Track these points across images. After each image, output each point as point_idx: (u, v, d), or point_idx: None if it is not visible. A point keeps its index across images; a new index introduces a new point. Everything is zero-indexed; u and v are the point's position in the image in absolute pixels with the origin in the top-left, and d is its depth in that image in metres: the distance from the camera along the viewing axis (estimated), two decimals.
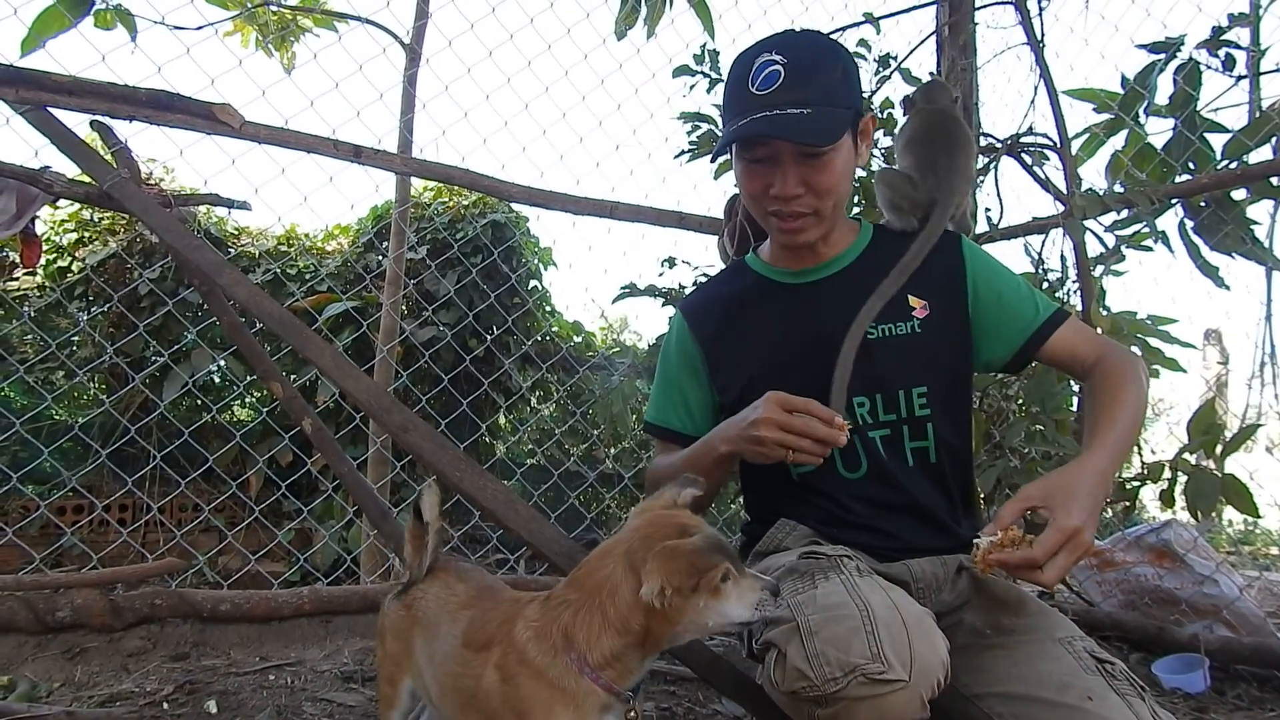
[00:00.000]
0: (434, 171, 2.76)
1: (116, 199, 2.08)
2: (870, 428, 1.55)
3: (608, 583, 1.13)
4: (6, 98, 2.05)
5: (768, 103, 1.43)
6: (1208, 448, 2.12)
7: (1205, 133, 2.74)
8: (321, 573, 4.09)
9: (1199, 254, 2.67)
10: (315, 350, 1.90)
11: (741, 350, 1.65)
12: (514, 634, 1.18)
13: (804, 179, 1.48)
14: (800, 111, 1.41)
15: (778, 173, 1.48)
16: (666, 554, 1.07)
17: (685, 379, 1.72)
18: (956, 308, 1.60)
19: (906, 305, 1.58)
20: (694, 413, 1.71)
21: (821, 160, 1.47)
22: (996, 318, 1.59)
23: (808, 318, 1.61)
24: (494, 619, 1.26)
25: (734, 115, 1.48)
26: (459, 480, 1.75)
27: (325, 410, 4.49)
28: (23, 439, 2.99)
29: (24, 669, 2.30)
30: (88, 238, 5.03)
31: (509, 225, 5.42)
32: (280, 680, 2.34)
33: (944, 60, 3.12)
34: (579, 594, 1.16)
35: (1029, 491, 1.29)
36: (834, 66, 1.48)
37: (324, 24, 4.08)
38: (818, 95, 1.43)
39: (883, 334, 1.56)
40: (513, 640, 1.18)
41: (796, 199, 1.50)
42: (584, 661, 1.12)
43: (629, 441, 4.82)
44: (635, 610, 1.11)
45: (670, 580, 1.05)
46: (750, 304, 1.68)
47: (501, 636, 1.21)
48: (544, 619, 1.17)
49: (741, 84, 1.47)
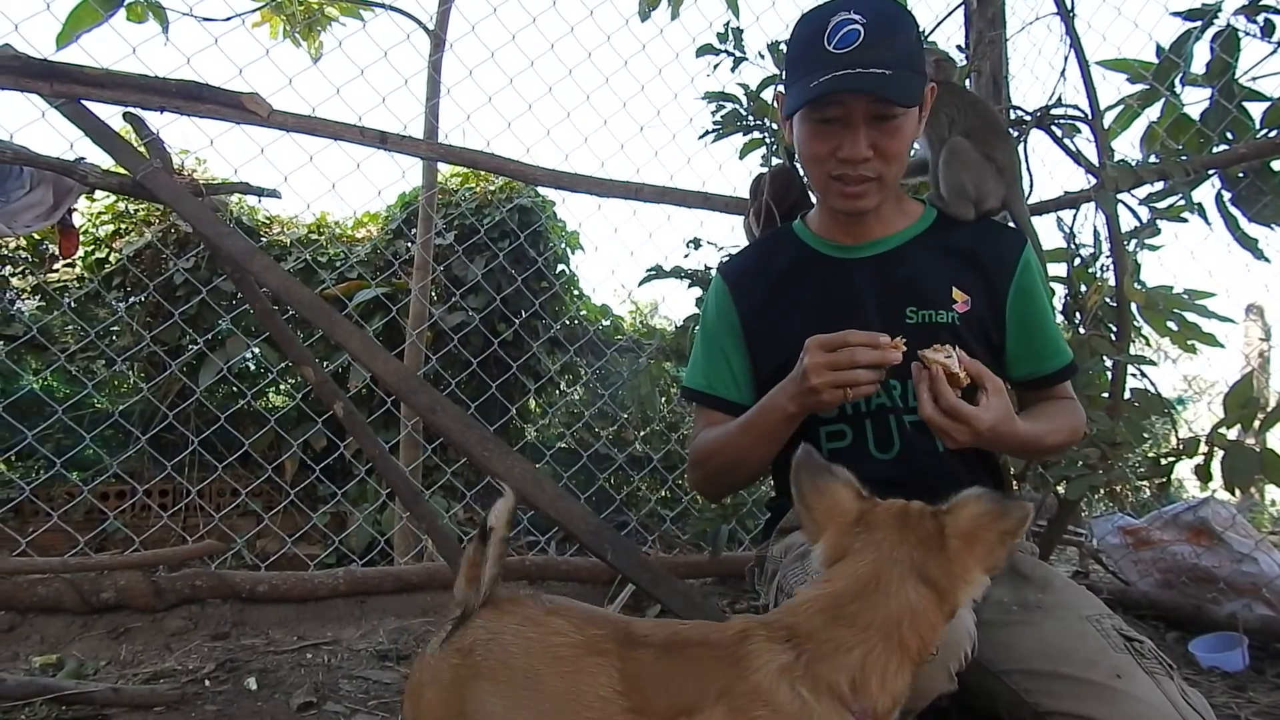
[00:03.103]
0: (460, 156, 2.77)
1: (150, 189, 2.11)
2: (905, 411, 1.53)
3: (904, 612, 0.93)
4: (42, 92, 2.09)
5: (847, 61, 1.37)
6: (1245, 422, 2.08)
7: (1243, 101, 2.66)
8: (356, 554, 4.16)
9: (1237, 226, 2.61)
10: (344, 334, 1.92)
11: (780, 322, 1.63)
12: (764, 691, 0.90)
13: (874, 142, 1.44)
14: (881, 72, 1.36)
15: (847, 134, 1.44)
16: (971, 539, 0.95)
17: (729, 345, 1.69)
18: (995, 311, 1.57)
19: (949, 295, 1.55)
20: (739, 381, 1.68)
21: (893, 124, 1.44)
22: (1022, 342, 1.59)
23: (847, 294, 1.59)
24: (685, 674, 0.96)
25: (806, 73, 1.42)
26: (486, 460, 1.77)
27: (357, 395, 4.55)
28: (66, 427, 3.07)
29: (71, 648, 2.37)
30: (124, 229, 5.12)
31: (535, 209, 5.43)
32: (317, 659, 2.39)
33: (972, 32, 3.06)
34: (859, 632, 0.93)
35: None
36: (911, 29, 1.45)
37: (350, 12, 4.09)
38: (897, 57, 1.39)
39: (923, 319, 1.54)
40: (763, 699, 0.90)
41: (865, 163, 1.46)
42: (872, 714, 0.92)
43: (658, 424, 4.83)
44: (938, 628, 0.96)
45: (991, 562, 0.95)
46: (793, 274, 1.66)
47: (728, 693, 0.92)
48: (816, 669, 0.92)
49: (814, 42, 1.41)
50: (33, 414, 3.62)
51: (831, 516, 1.04)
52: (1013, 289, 1.57)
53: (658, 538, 3.84)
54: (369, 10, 3.84)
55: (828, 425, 1.59)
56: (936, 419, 1.30)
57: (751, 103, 2.69)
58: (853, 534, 1.01)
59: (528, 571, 3.17)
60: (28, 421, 3.12)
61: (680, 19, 3.28)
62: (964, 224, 1.68)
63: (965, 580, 0.96)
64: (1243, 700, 2.27)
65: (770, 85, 2.64)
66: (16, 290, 4.94)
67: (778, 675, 0.91)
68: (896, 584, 0.95)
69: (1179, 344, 2.52)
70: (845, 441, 1.58)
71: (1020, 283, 1.57)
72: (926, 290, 1.55)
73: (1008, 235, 1.67)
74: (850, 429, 1.57)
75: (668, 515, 4.12)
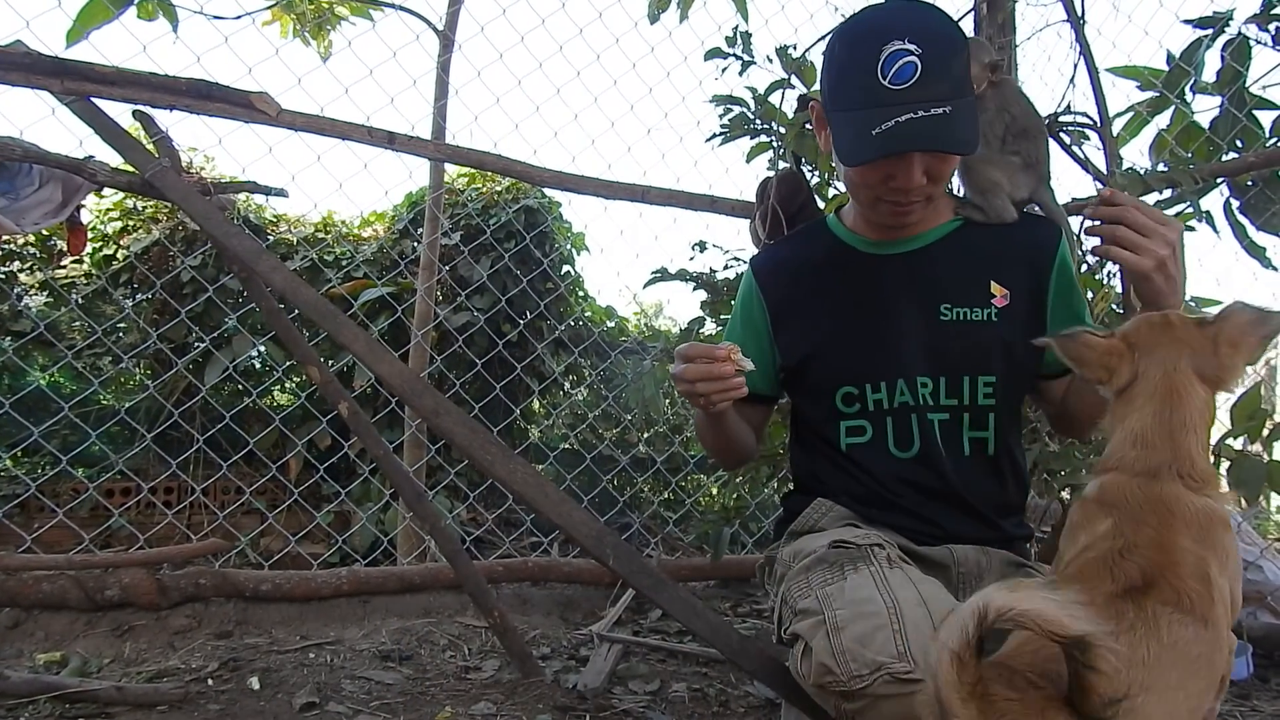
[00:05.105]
0: (467, 157, 2.77)
1: (158, 187, 2.11)
2: (930, 409, 1.52)
3: (1200, 407, 1.14)
4: (52, 89, 2.09)
5: (906, 99, 1.32)
6: (1252, 433, 2.06)
7: (1254, 110, 2.65)
8: (360, 554, 4.16)
9: (1245, 234, 2.60)
10: (349, 335, 1.92)
11: (807, 314, 1.62)
12: (1196, 509, 1.12)
13: (926, 168, 1.42)
14: (943, 111, 1.32)
15: (901, 165, 1.40)
16: (1236, 344, 1.15)
17: (746, 334, 1.69)
18: (1037, 304, 1.55)
19: (987, 291, 1.53)
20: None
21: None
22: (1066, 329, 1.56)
23: (879, 291, 1.57)
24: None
25: (861, 107, 1.37)
26: (490, 464, 1.77)
27: (362, 395, 4.55)
28: (72, 423, 3.08)
29: (75, 645, 2.38)
30: (132, 226, 5.13)
31: (541, 211, 5.43)
32: (320, 658, 2.40)
33: (982, 38, 3.05)
34: (1180, 434, 1.14)
35: None
36: (962, 49, 1.40)
37: (359, 12, 4.10)
38: (954, 88, 1.35)
39: (958, 317, 1.52)
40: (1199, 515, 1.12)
41: (918, 189, 1.44)
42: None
43: (662, 426, 4.83)
44: (1214, 409, 1.18)
45: (1254, 359, 1.17)
46: (822, 267, 1.65)
47: (1175, 529, 1.11)
48: (1190, 477, 1.13)
49: (868, 73, 1.35)
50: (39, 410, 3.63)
51: (1107, 357, 1.21)
52: (1054, 278, 1.55)
53: (660, 540, 3.84)
54: (379, 10, 3.84)
55: (848, 420, 1.57)
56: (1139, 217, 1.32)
57: (759, 106, 2.68)
58: (1133, 360, 1.19)
59: (531, 573, 3.18)
60: (34, 418, 3.13)
61: (689, 22, 3.28)
62: (995, 225, 1.65)
63: (1236, 376, 1.16)
64: (1247, 709, 2.27)
65: (778, 89, 2.63)
66: (24, 286, 4.95)
67: (1188, 493, 1.09)
68: (1187, 389, 1.14)
69: None
70: (865, 438, 1.56)
71: (1060, 273, 1.56)
72: (961, 287, 1.53)
73: (1044, 225, 1.65)
74: (871, 425, 1.56)
75: (670, 518, 4.12)
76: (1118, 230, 1.31)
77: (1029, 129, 1.78)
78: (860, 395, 1.55)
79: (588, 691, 2.21)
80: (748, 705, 2.24)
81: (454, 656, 2.50)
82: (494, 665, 2.42)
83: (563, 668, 2.45)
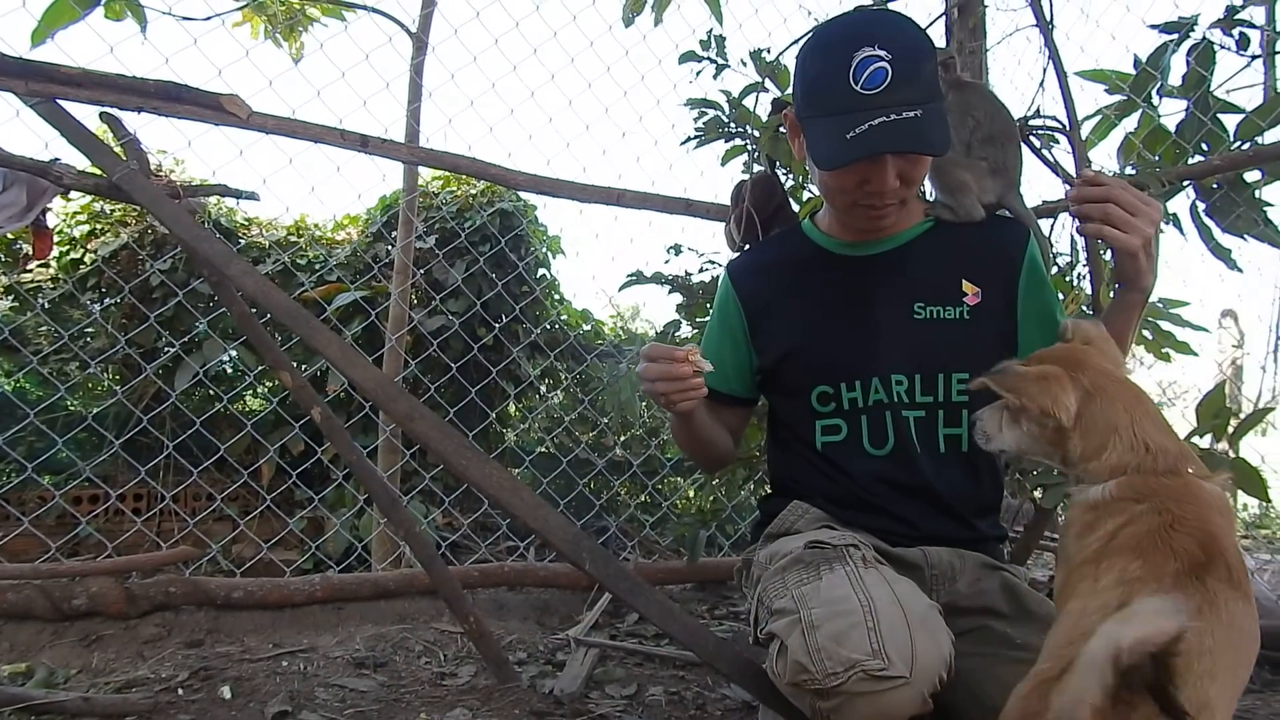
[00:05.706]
0: (441, 160, 2.76)
1: (126, 190, 2.08)
2: (905, 407, 1.54)
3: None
4: (16, 90, 2.06)
5: (878, 104, 1.36)
6: (1218, 431, 2.10)
7: (1218, 114, 2.70)
8: (333, 560, 4.11)
9: (1211, 236, 2.64)
10: (322, 340, 1.90)
11: (784, 316, 1.65)
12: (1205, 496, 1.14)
13: (900, 171, 1.45)
14: (914, 114, 1.36)
15: (874, 169, 1.44)
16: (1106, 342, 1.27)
17: (722, 338, 1.73)
18: (1007, 301, 1.59)
19: (959, 289, 1.57)
20: (728, 372, 1.71)
21: (919, 154, 1.45)
22: (1035, 329, 1.58)
23: (854, 291, 1.60)
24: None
25: (834, 112, 1.40)
26: (464, 468, 1.76)
27: (336, 399, 4.51)
28: (38, 430, 3.03)
29: (41, 656, 2.33)
30: (99, 229, 5.05)
31: (516, 214, 5.41)
32: (293, 666, 2.36)
33: (953, 42, 3.09)
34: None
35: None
36: (931, 55, 1.44)
37: (332, 13, 4.07)
38: (924, 92, 1.39)
39: (931, 315, 1.55)
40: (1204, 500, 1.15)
41: (892, 192, 1.48)
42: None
43: (638, 429, 4.83)
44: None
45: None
46: (799, 270, 1.68)
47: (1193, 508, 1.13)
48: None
49: (839, 78, 1.38)
50: (4, 416, 3.57)
51: (1045, 383, 1.18)
52: (1023, 278, 1.59)
53: (637, 543, 3.84)
54: (351, 12, 3.82)
55: (823, 420, 1.60)
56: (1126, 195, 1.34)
57: (734, 110, 2.69)
58: (1078, 378, 1.18)
59: (507, 578, 3.16)
60: None
61: (664, 25, 3.28)
62: (967, 224, 1.68)
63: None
64: (1247, 709, 2.29)
65: (752, 93, 2.65)
66: None
67: (1207, 484, 1.11)
68: (1137, 387, 1.19)
69: (1154, 352, 2.56)
70: (840, 436, 1.59)
71: (1029, 271, 1.60)
72: (934, 286, 1.57)
73: (1013, 225, 1.70)
74: (845, 424, 1.58)
75: (647, 521, 4.11)
76: (1109, 209, 1.33)
77: (996, 135, 1.81)
78: (835, 394, 1.57)
79: (564, 696, 2.20)
80: (725, 708, 2.24)
81: (429, 663, 2.48)
82: (470, 671, 2.40)
83: (539, 673, 2.44)
